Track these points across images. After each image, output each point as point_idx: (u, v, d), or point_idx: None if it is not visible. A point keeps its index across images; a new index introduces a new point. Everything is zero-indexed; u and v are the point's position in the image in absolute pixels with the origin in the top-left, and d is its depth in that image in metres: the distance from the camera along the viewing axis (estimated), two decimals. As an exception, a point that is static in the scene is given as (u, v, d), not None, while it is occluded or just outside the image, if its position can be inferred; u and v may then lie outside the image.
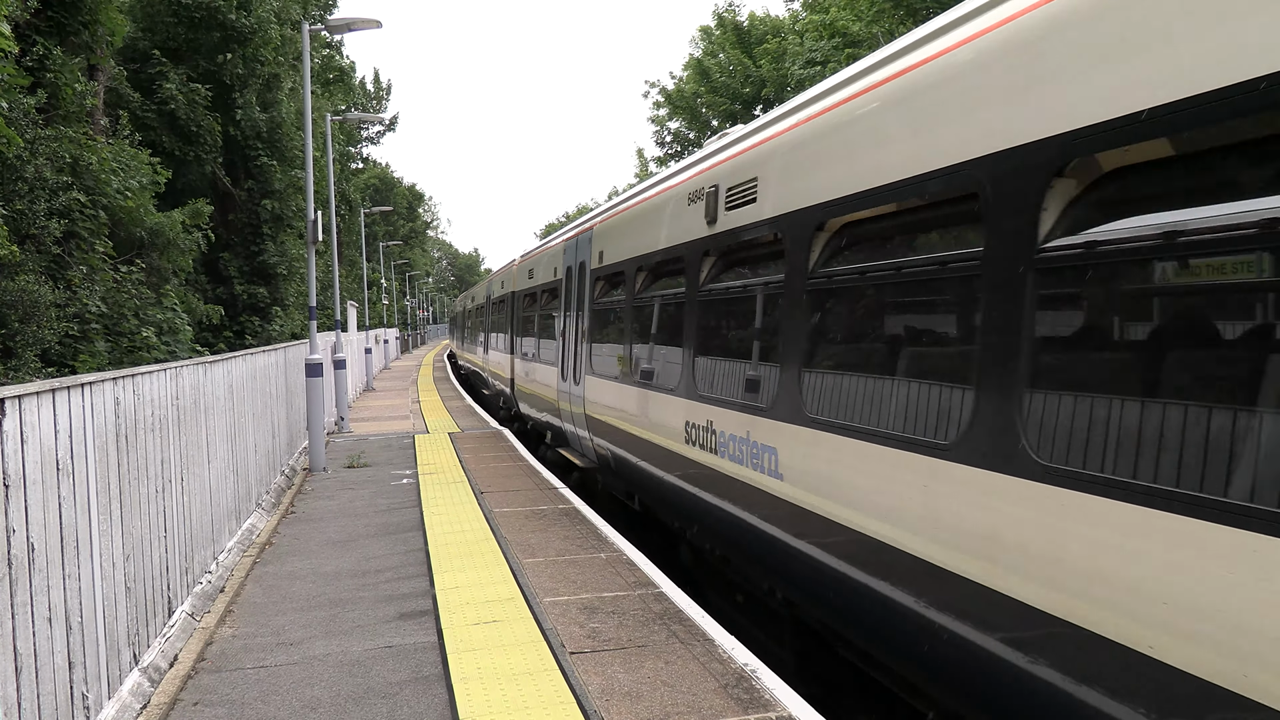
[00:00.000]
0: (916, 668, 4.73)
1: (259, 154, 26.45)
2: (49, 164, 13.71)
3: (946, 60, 4.45)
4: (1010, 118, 3.93)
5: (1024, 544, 3.73)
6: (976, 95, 4.19)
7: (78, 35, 15.62)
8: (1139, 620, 3.20)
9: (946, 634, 4.21)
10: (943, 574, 4.21)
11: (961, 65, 4.33)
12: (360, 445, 17.32)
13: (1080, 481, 3.45)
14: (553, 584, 7.83)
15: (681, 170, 9.16)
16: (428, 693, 5.64)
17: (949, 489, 4.20)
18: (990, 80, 4.13)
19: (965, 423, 4.12)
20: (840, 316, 5.66)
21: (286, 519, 10.95)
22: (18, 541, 4.16)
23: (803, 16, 37.93)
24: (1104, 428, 3.42)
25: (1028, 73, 3.86)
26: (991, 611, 3.91)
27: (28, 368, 12.12)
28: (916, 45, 4.88)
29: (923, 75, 4.65)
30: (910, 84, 4.76)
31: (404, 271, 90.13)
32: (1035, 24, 3.86)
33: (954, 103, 4.35)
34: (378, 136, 63.49)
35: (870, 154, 5.10)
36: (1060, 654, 3.56)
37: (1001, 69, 4.06)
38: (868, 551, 4.89)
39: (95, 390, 5.31)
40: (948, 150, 4.31)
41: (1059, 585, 3.55)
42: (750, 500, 6.59)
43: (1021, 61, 3.92)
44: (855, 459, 5.03)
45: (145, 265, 17.01)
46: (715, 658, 6.02)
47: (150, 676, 5.88)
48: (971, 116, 4.19)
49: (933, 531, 4.32)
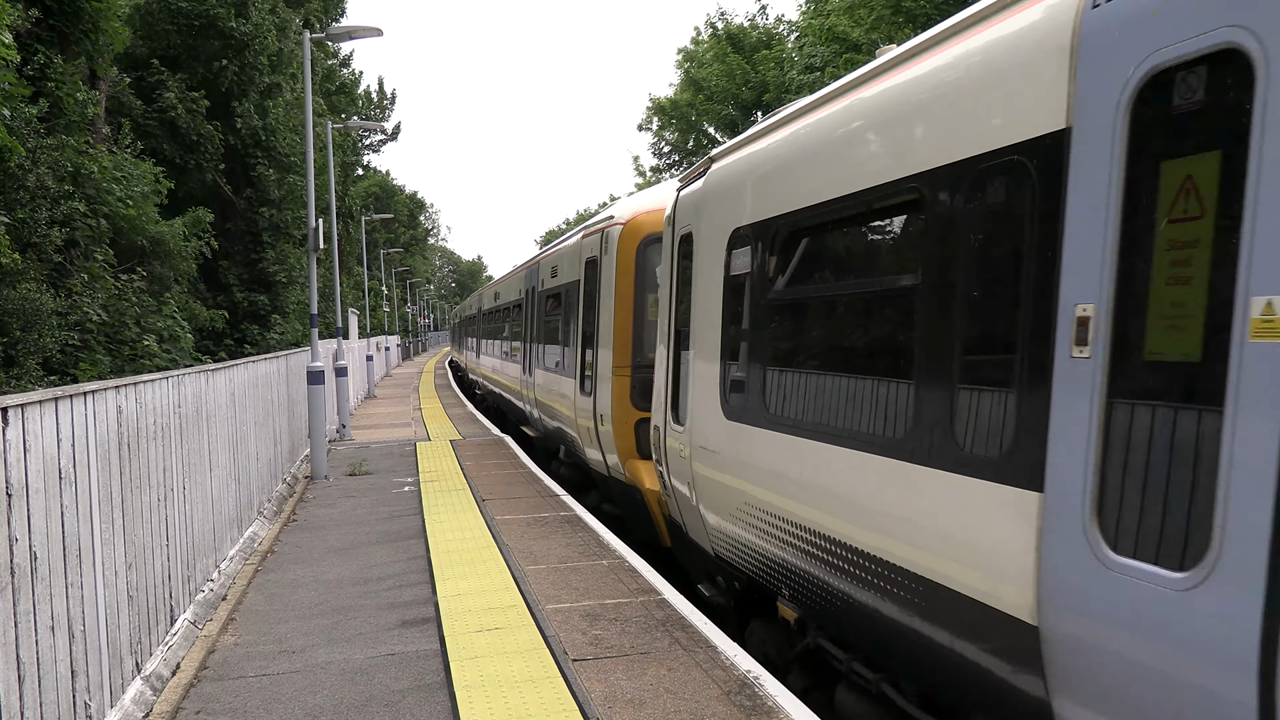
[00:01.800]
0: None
1: (259, 162, 26.50)
2: (50, 173, 13.74)
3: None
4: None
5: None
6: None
7: (79, 44, 15.67)
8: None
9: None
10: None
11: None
12: (362, 453, 17.32)
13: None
14: (555, 591, 7.82)
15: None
16: (430, 700, 5.63)
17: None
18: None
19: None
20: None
21: (288, 527, 10.95)
22: (20, 550, 4.16)
23: (788, 22, 38.07)
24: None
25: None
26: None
27: (30, 376, 12.14)
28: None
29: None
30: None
31: (405, 279, 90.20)
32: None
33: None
34: (379, 145, 63.61)
35: None
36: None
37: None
38: None
39: (98, 399, 5.31)
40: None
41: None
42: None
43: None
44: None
45: (146, 273, 17.04)
46: (718, 664, 6.02)
47: (153, 685, 5.87)
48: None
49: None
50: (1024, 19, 3.92)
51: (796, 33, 36.74)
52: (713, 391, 7.08)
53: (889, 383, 4.81)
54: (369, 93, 58.81)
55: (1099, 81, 3.44)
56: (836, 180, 5.32)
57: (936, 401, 4.29)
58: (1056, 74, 3.64)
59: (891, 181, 4.75)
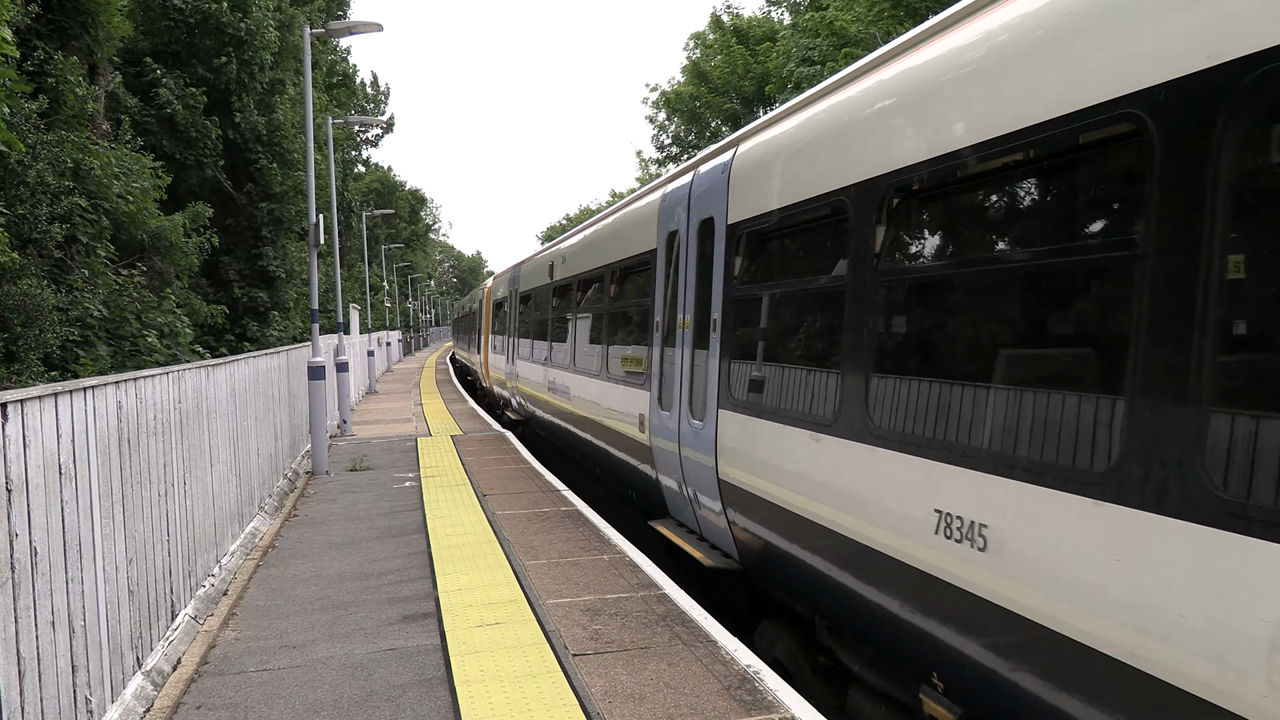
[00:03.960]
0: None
1: (259, 157, 26.46)
2: (51, 168, 13.72)
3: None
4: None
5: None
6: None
7: (79, 38, 15.64)
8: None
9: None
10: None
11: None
12: (363, 448, 17.33)
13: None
14: (555, 586, 7.83)
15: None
16: (431, 695, 5.64)
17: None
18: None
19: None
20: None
21: (289, 522, 10.96)
22: (21, 545, 4.16)
23: (787, 21, 38.00)
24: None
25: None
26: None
27: (30, 371, 12.13)
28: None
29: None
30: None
31: (406, 274, 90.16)
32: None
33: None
34: (377, 139, 63.51)
35: None
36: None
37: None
38: None
39: (98, 394, 5.31)
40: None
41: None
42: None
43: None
44: None
45: (147, 269, 17.03)
46: (718, 659, 6.02)
47: (153, 680, 5.88)
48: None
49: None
50: (648, 200, 10.13)
51: (798, 18, 36.69)
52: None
53: (619, 346, 11.15)
54: (364, 86, 58.73)
55: (661, 230, 9.26)
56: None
57: (625, 355, 10.56)
58: (650, 224, 9.65)
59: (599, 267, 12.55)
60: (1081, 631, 3.55)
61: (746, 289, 7.11)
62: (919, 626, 4.65)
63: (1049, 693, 3.78)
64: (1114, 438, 3.45)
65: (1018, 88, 4.07)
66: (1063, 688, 3.71)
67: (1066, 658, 3.63)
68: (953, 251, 4.81)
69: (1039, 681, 3.84)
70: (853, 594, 5.31)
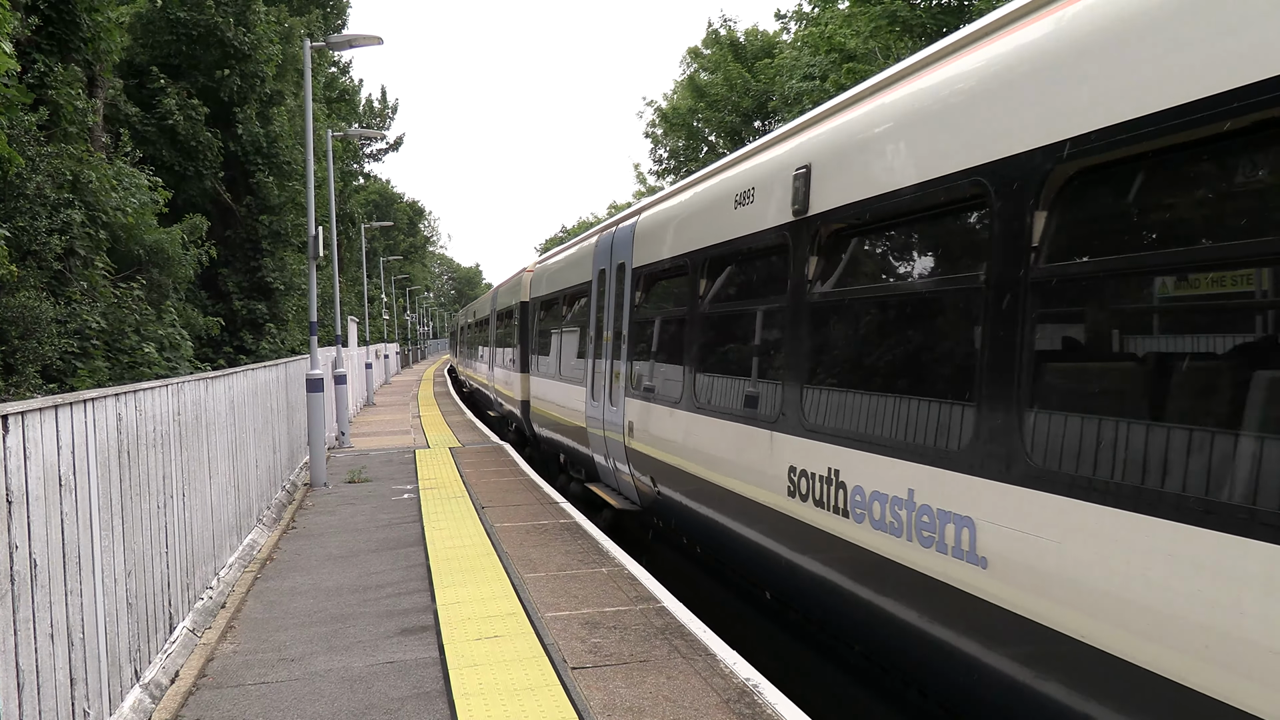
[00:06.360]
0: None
1: (259, 170, 26.52)
2: (49, 181, 13.76)
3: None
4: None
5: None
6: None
7: (79, 52, 15.69)
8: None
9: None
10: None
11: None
12: (361, 460, 17.31)
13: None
14: (554, 599, 7.82)
15: None
16: (429, 709, 5.63)
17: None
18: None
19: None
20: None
21: (288, 534, 10.94)
22: (20, 558, 4.16)
23: (793, 30, 38.14)
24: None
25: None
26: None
27: (29, 384, 12.14)
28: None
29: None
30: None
31: (404, 286, 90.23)
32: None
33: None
34: (380, 154, 63.71)
35: None
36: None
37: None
38: None
39: (97, 406, 5.31)
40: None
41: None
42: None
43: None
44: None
45: (145, 281, 17.04)
46: (717, 672, 6.01)
47: (151, 693, 5.87)
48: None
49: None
50: (587, 243, 13.65)
51: (796, 34, 36.85)
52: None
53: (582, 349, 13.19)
54: (370, 101, 58.92)
55: (595, 267, 12.53)
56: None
57: (578, 358, 13.19)
58: (588, 262, 13.04)
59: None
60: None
61: (641, 313, 10.31)
62: (737, 531, 7.32)
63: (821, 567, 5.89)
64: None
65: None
66: (794, 547, 6.22)
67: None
68: (721, 295, 8.05)
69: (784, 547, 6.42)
70: (693, 512, 8.31)
